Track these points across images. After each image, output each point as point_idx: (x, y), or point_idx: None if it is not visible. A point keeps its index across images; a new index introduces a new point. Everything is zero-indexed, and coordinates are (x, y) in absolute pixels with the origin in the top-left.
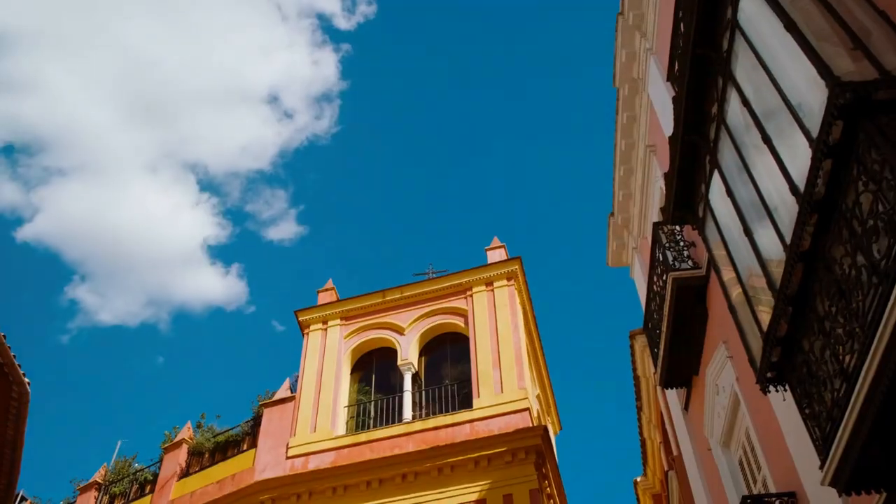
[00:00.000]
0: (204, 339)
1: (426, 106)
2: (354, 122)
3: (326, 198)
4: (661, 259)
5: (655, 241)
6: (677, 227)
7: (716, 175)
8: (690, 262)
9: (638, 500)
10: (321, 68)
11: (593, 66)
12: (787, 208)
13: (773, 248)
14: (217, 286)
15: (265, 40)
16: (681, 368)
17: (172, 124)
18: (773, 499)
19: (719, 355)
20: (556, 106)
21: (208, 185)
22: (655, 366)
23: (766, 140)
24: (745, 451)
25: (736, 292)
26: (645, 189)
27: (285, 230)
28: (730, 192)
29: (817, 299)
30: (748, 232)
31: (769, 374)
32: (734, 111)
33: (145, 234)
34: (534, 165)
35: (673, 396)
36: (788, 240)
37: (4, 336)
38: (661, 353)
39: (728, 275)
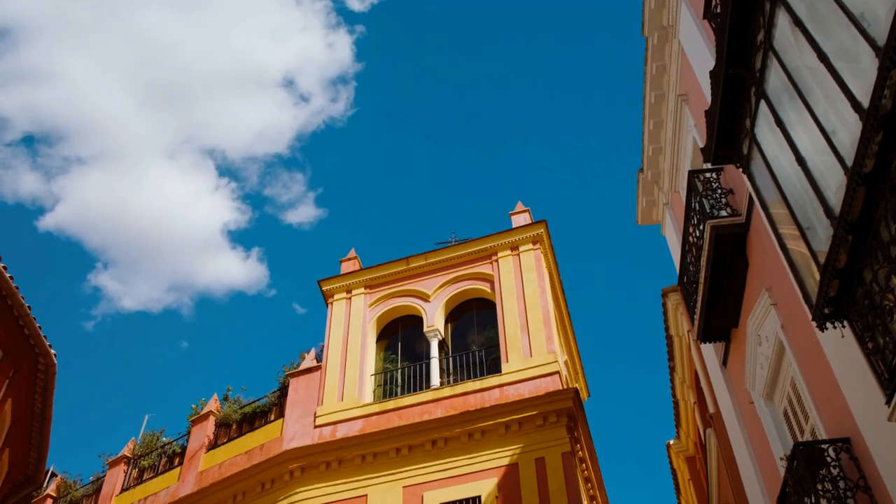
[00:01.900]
0: (226, 323)
1: (442, 80)
2: (371, 103)
3: (345, 180)
4: (697, 208)
5: (691, 189)
6: (713, 175)
7: (762, 107)
8: (729, 210)
9: (671, 463)
10: (336, 51)
11: (618, 17)
12: (847, 129)
13: (831, 173)
14: (238, 270)
15: (279, 24)
16: (719, 321)
17: (189, 110)
18: (827, 445)
19: (762, 304)
20: (578, 63)
21: (227, 170)
22: (692, 320)
23: (823, 58)
24: (791, 402)
25: (787, 227)
26: (676, 142)
27: (304, 213)
28: (779, 123)
29: (881, 224)
30: (801, 161)
31: (826, 310)
32: (783, 34)
33: (166, 220)
34: (557, 126)
35: (710, 352)
36: (850, 162)
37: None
38: (698, 306)
39: (778, 210)
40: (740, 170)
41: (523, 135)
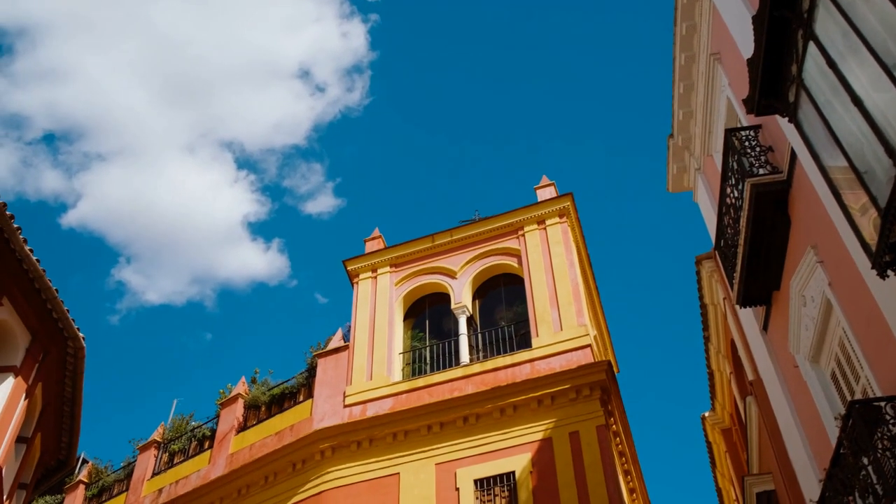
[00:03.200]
0: (249, 315)
1: (458, 63)
2: (387, 91)
3: (363, 169)
4: (735, 167)
5: (728, 148)
6: (751, 133)
7: (811, 48)
8: (769, 167)
9: (706, 436)
10: (350, 40)
11: None
12: None
13: (892, 110)
14: (259, 262)
15: (293, 15)
16: (760, 285)
17: (206, 104)
18: (884, 402)
19: (806, 262)
20: (600, 29)
21: (245, 163)
22: (730, 285)
23: None
24: (839, 362)
25: (841, 174)
26: (708, 104)
27: (323, 203)
28: (831, 63)
29: None
30: (857, 101)
31: (888, 258)
32: None
33: (186, 213)
34: (579, 97)
35: (749, 317)
36: None
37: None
38: (737, 269)
39: (830, 157)
40: (786, 119)
41: (545, 109)
